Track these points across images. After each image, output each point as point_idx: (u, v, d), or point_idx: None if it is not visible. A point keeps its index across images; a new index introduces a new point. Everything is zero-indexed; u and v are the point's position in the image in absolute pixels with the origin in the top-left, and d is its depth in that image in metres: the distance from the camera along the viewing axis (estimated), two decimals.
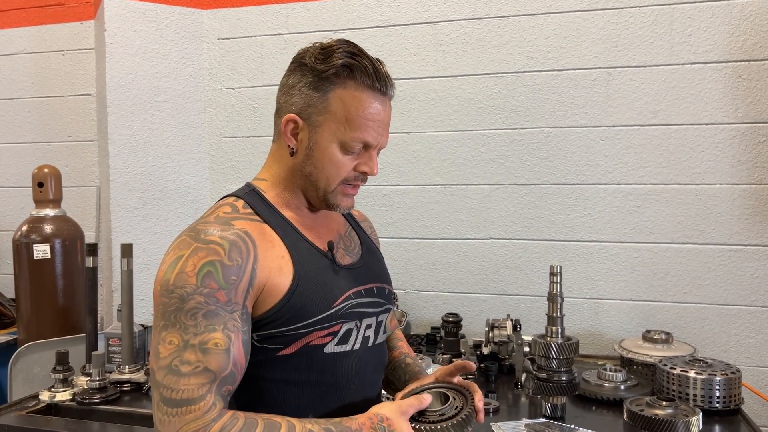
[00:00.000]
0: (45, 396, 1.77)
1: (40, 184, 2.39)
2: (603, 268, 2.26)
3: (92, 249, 1.95)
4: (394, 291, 1.31)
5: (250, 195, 1.12)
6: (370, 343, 1.14)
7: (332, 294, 1.07)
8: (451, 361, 1.94)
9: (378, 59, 1.08)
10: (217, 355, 0.93)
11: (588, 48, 2.24)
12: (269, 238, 1.05)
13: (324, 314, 1.04)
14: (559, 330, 1.61)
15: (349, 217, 1.29)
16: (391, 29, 2.43)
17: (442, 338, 2.14)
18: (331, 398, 1.08)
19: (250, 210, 1.08)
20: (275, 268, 1.02)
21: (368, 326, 1.13)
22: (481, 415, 1.07)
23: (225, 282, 0.96)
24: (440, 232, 2.42)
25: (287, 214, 1.12)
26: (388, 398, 1.53)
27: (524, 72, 2.31)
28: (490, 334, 2.02)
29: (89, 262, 1.95)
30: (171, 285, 0.95)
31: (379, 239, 1.37)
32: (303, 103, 1.08)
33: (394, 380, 1.29)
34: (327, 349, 1.06)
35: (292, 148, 1.11)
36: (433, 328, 2.31)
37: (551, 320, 1.62)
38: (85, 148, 2.85)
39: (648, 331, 2.03)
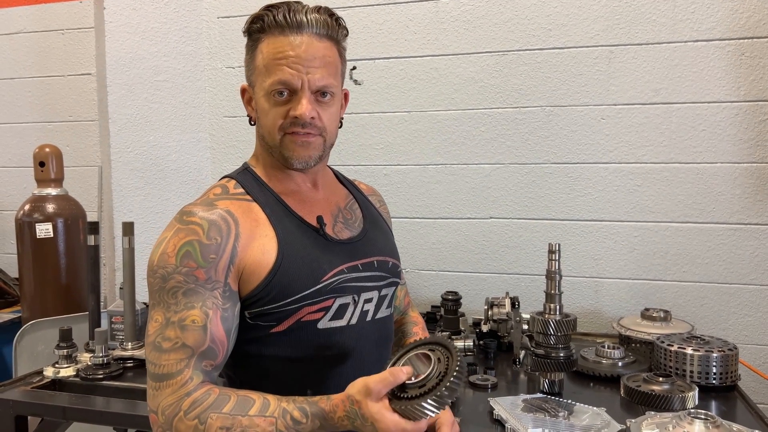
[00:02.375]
0: (49, 372, 1.79)
1: (42, 164, 2.40)
2: (603, 247, 2.27)
3: (94, 227, 1.96)
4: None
5: (242, 174, 1.14)
6: (369, 318, 1.13)
7: (321, 269, 1.07)
8: (450, 339, 1.96)
9: (310, 6, 1.06)
10: (194, 332, 0.97)
11: (590, 26, 2.22)
12: (255, 216, 1.06)
13: (311, 289, 1.05)
14: (558, 307, 1.62)
15: (355, 190, 1.28)
16: (392, 7, 2.41)
17: (442, 316, 2.16)
18: (329, 373, 1.09)
19: (240, 190, 1.09)
20: (258, 246, 1.03)
21: (368, 300, 1.13)
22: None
23: (203, 260, 0.99)
24: (441, 212, 2.42)
25: (278, 188, 1.12)
26: None
27: (526, 50, 2.29)
28: (489, 312, 2.03)
29: (91, 240, 1.96)
30: (155, 266, 1.00)
31: None
32: (246, 70, 1.13)
33: None
34: (320, 325, 1.06)
35: (250, 117, 1.14)
36: (432, 306, 2.33)
37: (549, 297, 1.62)
38: (87, 127, 2.85)
39: (647, 309, 2.04)
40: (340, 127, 1.17)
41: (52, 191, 2.42)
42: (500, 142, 2.34)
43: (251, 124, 1.15)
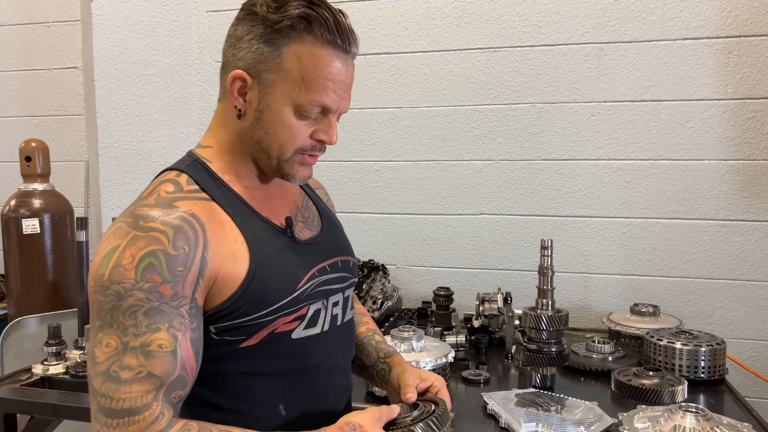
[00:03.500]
0: (38, 369, 1.77)
1: (28, 159, 2.37)
2: (592, 243, 2.29)
3: (83, 223, 1.94)
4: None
5: (193, 167, 0.98)
6: (339, 322, 1.07)
7: (295, 275, 0.97)
8: (442, 334, 1.96)
9: (340, 11, 0.95)
10: (162, 358, 0.83)
11: (581, 23, 2.24)
12: (219, 219, 0.93)
13: (288, 298, 0.95)
14: (549, 302, 1.63)
15: (305, 186, 1.18)
16: (383, 2, 2.40)
17: (433, 312, 2.16)
18: (303, 386, 1.01)
19: (195, 186, 0.95)
20: (228, 254, 0.91)
21: (335, 304, 1.06)
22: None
23: (170, 274, 0.85)
24: (432, 208, 2.42)
25: (237, 187, 0.99)
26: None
27: (517, 47, 2.30)
28: (481, 308, 2.04)
29: (80, 236, 1.94)
30: (106, 281, 0.84)
31: (370, 215, 1.31)
32: (252, 58, 0.94)
33: (363, 357, 1.21)
34: (295, 335, 0.98)
35: (239, 110, 0.98)
36: (424, 302, 2.33)
37: (541, 293, 1.64)
38: (73, 122, 2.82)
39: (636, 305, 2.06)
40: None
41: (39, 186, 2.39)
42: (491, 139, 2.34)
43: (238, 118, 0.98)
